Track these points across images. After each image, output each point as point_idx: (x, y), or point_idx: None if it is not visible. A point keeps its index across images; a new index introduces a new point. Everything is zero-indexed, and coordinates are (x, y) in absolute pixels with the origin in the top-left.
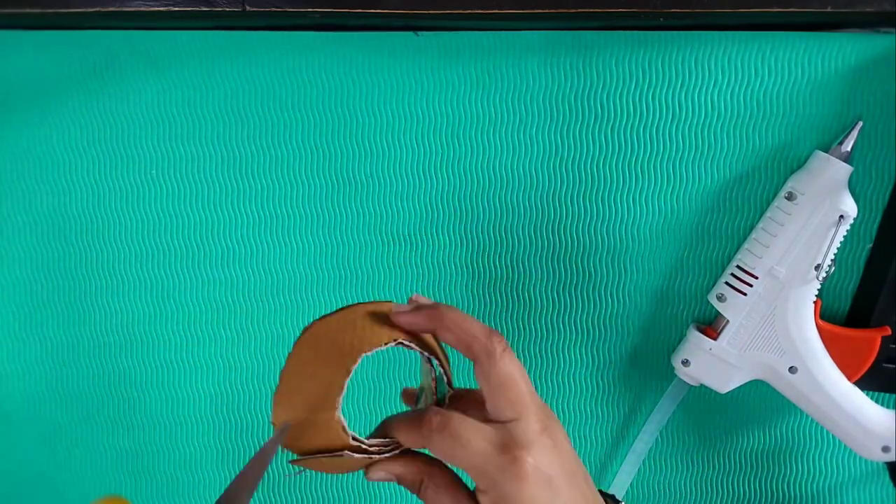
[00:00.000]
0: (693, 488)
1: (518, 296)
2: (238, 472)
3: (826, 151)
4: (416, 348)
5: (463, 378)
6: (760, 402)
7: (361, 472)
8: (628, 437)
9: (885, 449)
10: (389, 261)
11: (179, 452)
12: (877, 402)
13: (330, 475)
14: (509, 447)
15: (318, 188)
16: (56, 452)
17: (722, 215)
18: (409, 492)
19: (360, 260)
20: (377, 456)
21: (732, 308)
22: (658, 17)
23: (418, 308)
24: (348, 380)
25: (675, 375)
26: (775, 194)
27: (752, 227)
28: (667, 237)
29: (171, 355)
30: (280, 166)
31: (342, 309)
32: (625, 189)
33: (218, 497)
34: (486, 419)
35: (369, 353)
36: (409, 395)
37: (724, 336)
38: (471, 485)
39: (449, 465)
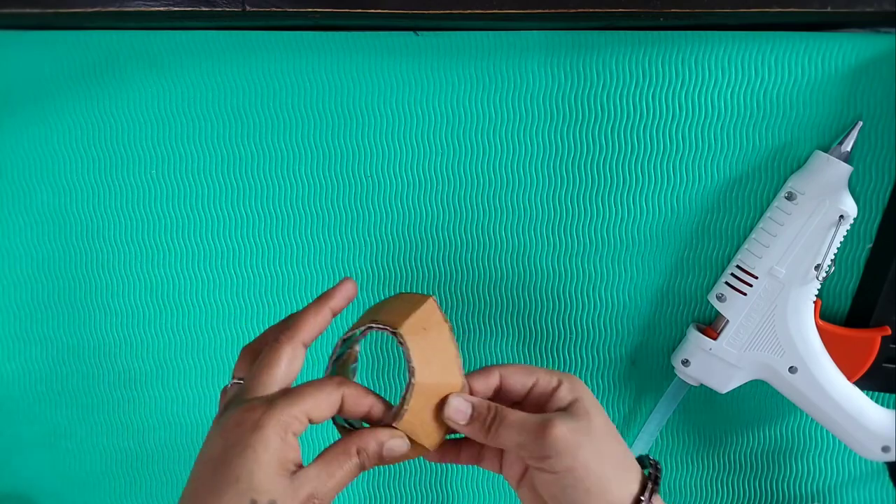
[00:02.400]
0: (693, 488)
1: (518, 296)
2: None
3: (826, 151)
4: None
5: None
6: (760, 402)
7: None
8: (629, 437)
9: (885, 449)
10: (389, 261)
11: (179, 452)
12: (877, 402)
13: None
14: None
15: (318, 188)
16: (56, 452)
17: (722, 215)
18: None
19: (360, 260)
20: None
21: (732, 308)
22: (658, 17)
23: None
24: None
25: (675, 375)
26: (775, 194)
27: (752, 227)
28: (667, 237)
29: (171, 355)
30: (280, 166)
31: (424, 298)
32: (625, 189)
33: None
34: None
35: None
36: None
37: (724, 336)
38: None
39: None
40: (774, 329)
